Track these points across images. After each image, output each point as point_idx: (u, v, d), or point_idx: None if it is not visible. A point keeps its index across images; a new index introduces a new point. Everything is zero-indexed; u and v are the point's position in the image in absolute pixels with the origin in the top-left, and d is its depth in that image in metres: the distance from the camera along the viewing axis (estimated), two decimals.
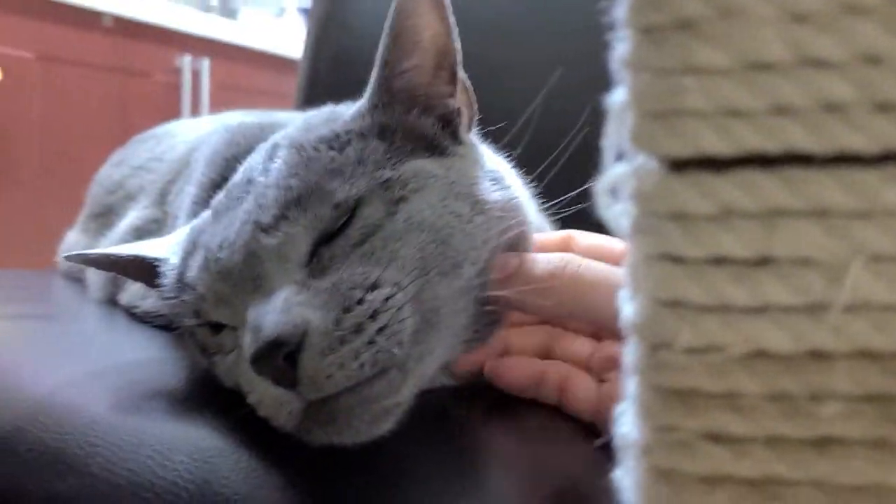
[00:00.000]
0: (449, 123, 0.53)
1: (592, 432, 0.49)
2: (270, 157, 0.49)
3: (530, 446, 0.49)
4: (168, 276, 0.51)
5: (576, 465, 0.48)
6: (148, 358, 0.57)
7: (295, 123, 0.54)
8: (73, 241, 0.92)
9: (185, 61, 2.56)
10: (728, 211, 0.21)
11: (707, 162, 0.22)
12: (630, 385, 0.24)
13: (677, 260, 0.22)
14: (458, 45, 0.52)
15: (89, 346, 0.63)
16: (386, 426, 0.43)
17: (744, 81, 0.21)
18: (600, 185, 0.24)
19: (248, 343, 0.42)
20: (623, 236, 0.24)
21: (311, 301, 0.42)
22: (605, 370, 0.51)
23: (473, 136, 0.56)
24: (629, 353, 0.24)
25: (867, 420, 0.21)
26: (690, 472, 0.23)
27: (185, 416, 0.46)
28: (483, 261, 0.48)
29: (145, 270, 0.53)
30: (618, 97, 0.23)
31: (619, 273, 0.46)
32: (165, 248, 0.53)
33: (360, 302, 0.42)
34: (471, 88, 0.55)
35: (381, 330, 0.42)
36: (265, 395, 0.43)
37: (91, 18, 2.32)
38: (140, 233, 0.72)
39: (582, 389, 0.50)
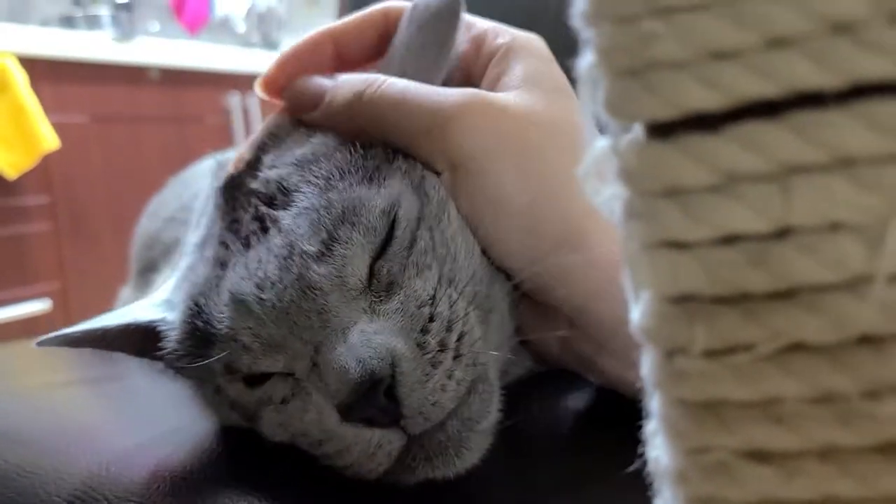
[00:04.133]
0: None
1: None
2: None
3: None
4: (174, 338, 0.44)
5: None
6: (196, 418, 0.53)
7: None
8: (126, 298, 0.89)
9: (234, 100, 2.59)
10: (731, 176, 0.17)
11: (697, 121, 0.18)
12: (653, 401, 0.20)
13: (680, 245, 0.18)
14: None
15: (141, 409, 0.59)
16: (484, 450, 0.41)
17: (725, 14, 0.17)
18: (584, 168, 0.20)
19: (335, 389, 0.38)
20: (619, 225, 0.20)
21: (387, 327, 0.39)
22: None
23: None
24: (645, 362, 0.20)
25: None
26: (735, 500, 0.19)
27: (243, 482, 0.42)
28: None
29: (140, 338, 0.46)
30: (585, 60, 0.19)
31: (421, 91, 0.43)
32: (159, 308, 0.47)
33: (431, 318, 0.39)
34: None
35: (460, 338, 0.40)
36: (354, 442, 0.39)
37: (138, 75, 2.37)
38: None
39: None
